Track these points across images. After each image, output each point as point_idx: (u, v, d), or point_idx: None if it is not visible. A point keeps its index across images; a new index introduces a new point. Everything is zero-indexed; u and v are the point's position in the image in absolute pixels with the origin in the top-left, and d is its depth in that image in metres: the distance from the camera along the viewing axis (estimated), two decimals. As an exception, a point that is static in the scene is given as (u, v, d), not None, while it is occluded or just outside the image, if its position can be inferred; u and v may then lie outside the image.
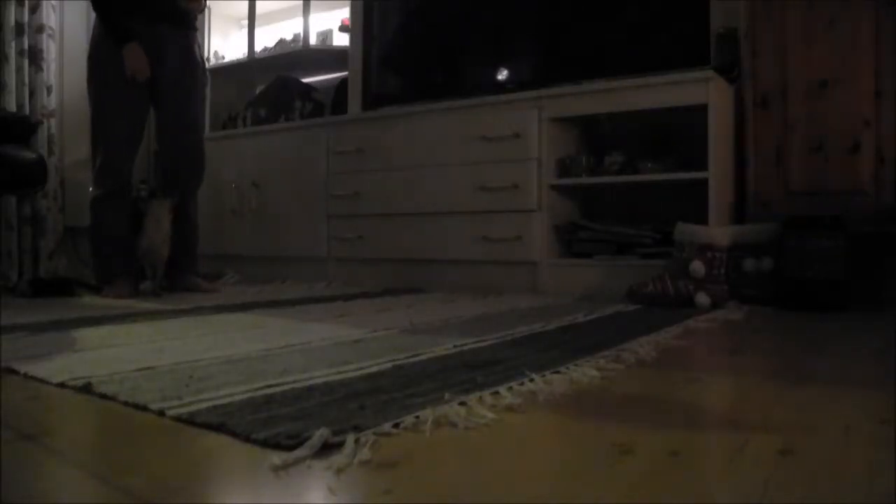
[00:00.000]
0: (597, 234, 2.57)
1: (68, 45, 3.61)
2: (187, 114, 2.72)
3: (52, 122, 3.42)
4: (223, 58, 3.98)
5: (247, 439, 0.74)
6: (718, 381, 1.13)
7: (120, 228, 2.66)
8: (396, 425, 0.79)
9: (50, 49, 3.41)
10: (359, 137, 3.08)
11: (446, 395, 0.91)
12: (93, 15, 3.52)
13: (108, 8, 2.56)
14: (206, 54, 3.66)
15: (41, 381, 1.06)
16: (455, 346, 1.33)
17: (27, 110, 3.30)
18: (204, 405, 0.87)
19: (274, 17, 3.97)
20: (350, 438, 0.72)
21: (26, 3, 3.33)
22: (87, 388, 0.98)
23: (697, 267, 2.14)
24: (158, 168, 2.93)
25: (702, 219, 2.26)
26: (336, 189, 3.13)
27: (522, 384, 1.00)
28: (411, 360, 1.19)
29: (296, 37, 3.67)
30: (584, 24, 2.74)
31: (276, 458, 0.66)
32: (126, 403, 0.90)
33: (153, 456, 0.72)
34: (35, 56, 3.35)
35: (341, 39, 3.55)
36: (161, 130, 2.77)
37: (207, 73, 2.93)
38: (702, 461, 0.71)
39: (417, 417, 0.82)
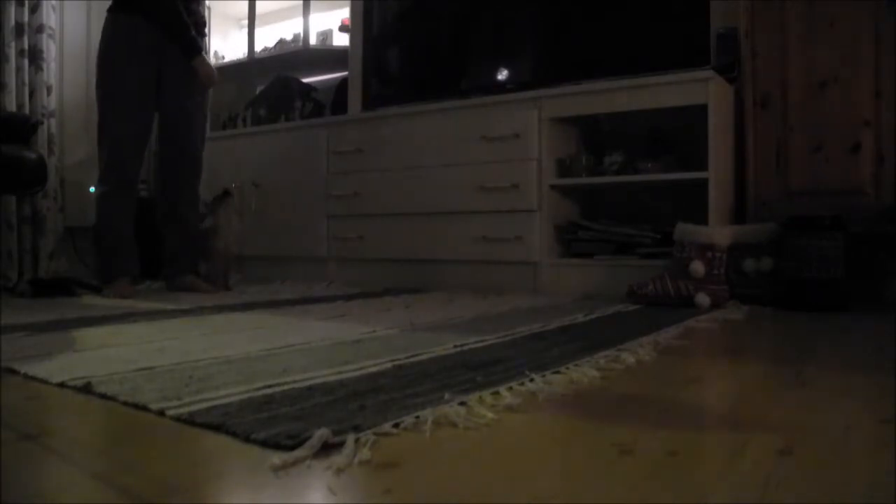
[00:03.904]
0: (597, 234, 2.57)
1: (68, 45, 3.60)
2: (189, 118, 2.74)
3: (52, 122, 3.42)
4: (223, 58, 3.98)
5: (247, 439, 0.74)
6: (718, 381, 1.13)
7: (124, 227, 2.67)
8: (396, 425, 0.79)
9: (50, 49, 3.41)
10: (359, 137, 3.08)
11: (446, 395, 0.91)
12: (93, 15, 3.53)
13: (186, 23, 2.63)
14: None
15: (41, 381, 1.06)
16: (455, 346, 1.33)
17: (27, 110, 3.30)
18: (204, 405, 0.87)
19: (274, 17, 3.97)
20: (350, 438, 0.72)
21: (26, 3, 3.33)
22: (87, 388, 0.98)
23: (697, 267, 2.14)
24: (157, 170, 2.95)
25: (702, 219, 2.26)
26: (336, 189, 3.13)
27: (522, 384, 1.00)
28: (411, 360, 1.19)
29: (296, 37, 3.67)
30: (583, 24, 2.74)
31: (276, 458, 0.66)
32: (126, 403, 0.90)
33: (153, 456, 0.72)
34: (35, 56, 3.35)
35: (341, 39, 3.55)
36: (163, 132, 2.80)
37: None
38: (702, 461, 0.71)
39: (417, 417, 0.82)
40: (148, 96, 2.66)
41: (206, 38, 2.89)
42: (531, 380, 1.02)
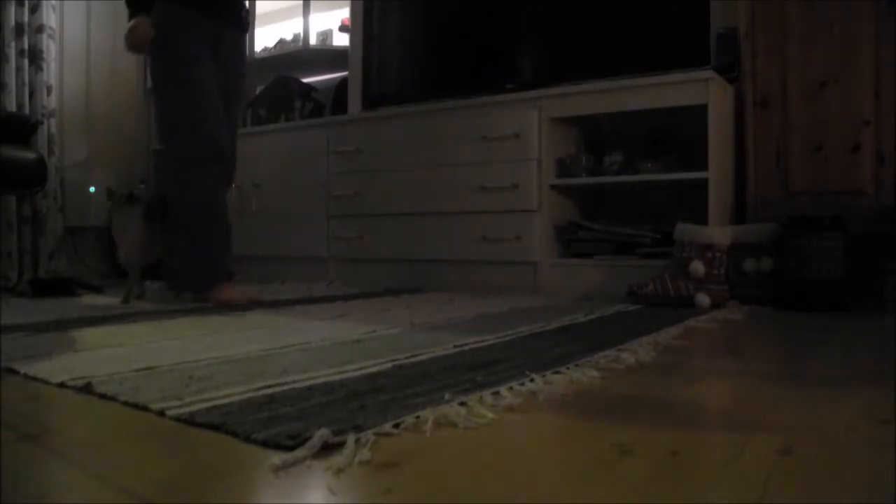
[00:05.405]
0: (597, 234, 2.57)
1: (68, 45, 3.61)
2: (232, 115, 2.53)
3: (52, 122, 3.42)
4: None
5: (247, 439, 0.74)
6: (718, 382, 1.13)
7: (224, 210, 2.37)
8: (397, 425, 0.79)
9: (50, 49, 3.41)
10: (359, 137, 3.08)
11: (446, 395, 0.91)
12: (93, 15, 3.52)
13: None
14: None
15: (41, 381, 1.06)
16: (455, 346, 1.33)
17: (27, 110, 3.30)
18: (204, 405, 0.87)
19: (274, 17, 3.97)
20: (350, 438, 0.72)
21: (26, 3, 3.33)
22: (87, 388, 0.98)
23: (697, 267, 2.14)
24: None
25: (702, 219, 2.26)
26: (336, 189, 3.13)
27: (522, 384, 1.00)
28: (411, 360, 1.19)
29: (296, 37, 3.67)
30: (583, 23, 2.74)
31: (276, 458, 0.66)
32: (126, 403, 0.90)
33: (153, 456, 0.72)
34: (35, 56, 3.35)
35: (341, 39, 3.55)
36: None
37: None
38: (702, 461, 0.71)
39: (418, 417, 0.82)
40: (211, 66, 2.36)
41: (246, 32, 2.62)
42: (531, 380, 1.02)
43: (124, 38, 2.34)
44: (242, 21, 2.58)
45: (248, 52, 2.69)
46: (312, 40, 3.59)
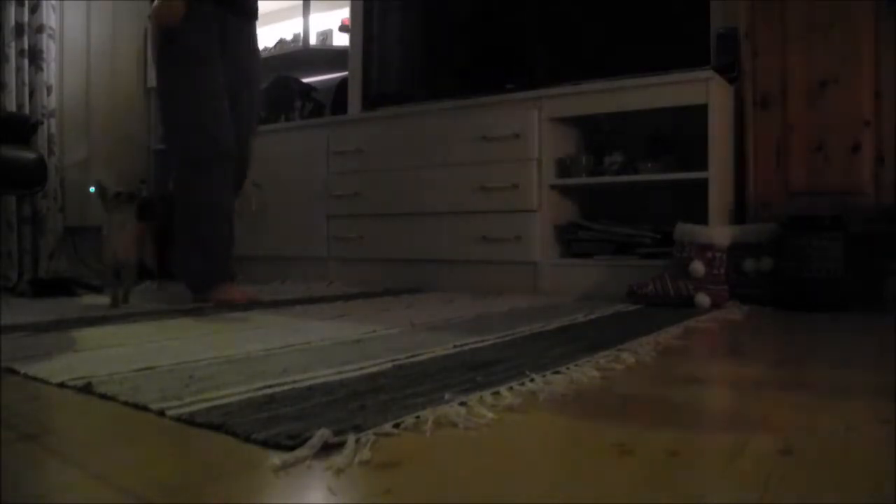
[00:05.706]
0: (597, 234, 2.57)
1: (68, 45, 3.61)
2: (241, 111, 2.40)
3: (52, 122, 3.42)
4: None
5: (247, 439, 0.74)
6: (718, 382, 1.13)
7: (230, 211, 2.31)
8: (397, 425, 0.79)
9: (50, 49, 3.41)
10: (359, 137, 3.08)
11: (446, 395, 0.91)
12: (92, 15, 3.52)
13: None
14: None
15: (41, 381, 1.06)
16: (455, 346, 1.33)
17: (27, 110, 3.30)
18: (204, 405, 0.87)
19: (274, 17, 3.96)
20: (350, 438, 0.72)
21: (26, 3, 3.33)
22: (87, 388, 0.98)
23: (697, 267, 2.14)
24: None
25: (702, 219, 2.26)
26: (336, 189, 3.13)
27: (522, 384, 1.00)
28: (411, 360, 1.19)
29: (296, 37, 3.67)
30: (583, 24, 2.74)
31: (276, 458, 0.66)
32: (126, 403, 0.90)
33: (153, 456, 0.72)
34: (35, 56, 3.35)
35: (341, 39, 3.55)
36: None
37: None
38: (702, 461, 0.71)
39: (418, 417, 0.82)
40: (219, 62, 2.28)
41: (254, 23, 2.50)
42: (531, 380, 1.02)
43: (153, 13, 2.26)
44: (250, 7, 2.46)
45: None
46: (312, 40, 3.59)
